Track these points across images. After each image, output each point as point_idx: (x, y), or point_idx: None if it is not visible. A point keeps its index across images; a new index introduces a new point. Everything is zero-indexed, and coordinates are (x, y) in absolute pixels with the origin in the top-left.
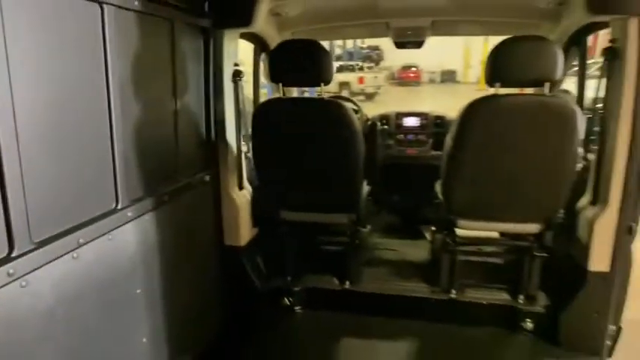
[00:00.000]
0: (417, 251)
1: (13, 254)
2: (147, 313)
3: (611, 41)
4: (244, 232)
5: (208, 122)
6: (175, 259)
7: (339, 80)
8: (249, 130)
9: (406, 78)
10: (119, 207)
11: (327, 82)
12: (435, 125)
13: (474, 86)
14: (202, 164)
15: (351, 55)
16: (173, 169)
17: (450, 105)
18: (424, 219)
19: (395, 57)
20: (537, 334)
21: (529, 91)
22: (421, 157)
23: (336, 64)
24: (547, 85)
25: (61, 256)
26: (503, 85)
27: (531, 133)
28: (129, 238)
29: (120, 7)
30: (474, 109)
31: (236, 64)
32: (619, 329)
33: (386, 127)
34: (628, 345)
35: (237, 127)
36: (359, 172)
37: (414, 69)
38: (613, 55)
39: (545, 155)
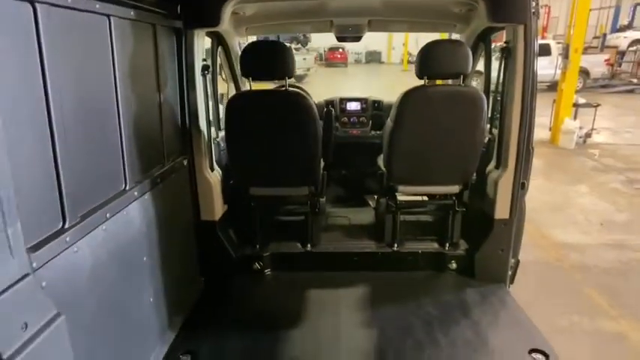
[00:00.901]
0: (363, 216)
1: (66, 226)
2: (151, 278)
3: (505, 42)
4: (217, 208)
5: (183, 112)
6: (166, 233)
7: None
8: (215, 117)
9: (334, 59)
10: (127, 188)
11: (290, 76)
12: (373, 108)
13: (397, 67)
14: (180, 149)
15: (277, 37)
16: (161, 154)
17: (377, 84)
18: (367, 189)
19: (321, 38)
20: (459, 271)
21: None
22: (363, 136)
23: None
24: (462, 77)
25: (97, 227)
26: (429, 78)
27: (451, 115)
28: (136, 213)
29: (121, 17)
30: (408, 97)
31: (204, 60)
32: (517, 261)
33: (332, 110)
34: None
35: (207, 116)
36: (317, 151)
37: (340, 50)
38: (507, 53)
39: (462, 132)
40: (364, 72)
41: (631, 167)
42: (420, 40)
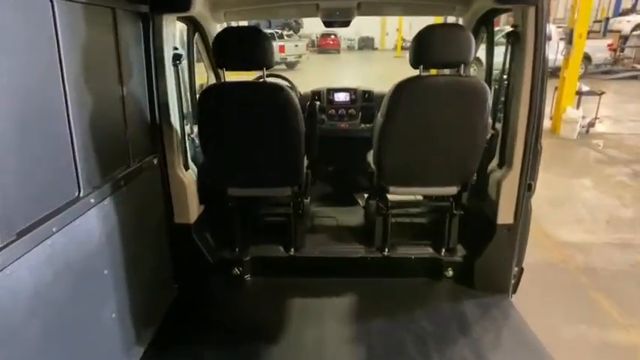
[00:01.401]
0: (352, 217)
1: None
2: (114, 292)
3: (513, 26)
4: (193, 209)
5: (152, 106)
6: (134, 240)
7: None
8: (191, 111)
9: (326, 45)
10: (82, 195)
11: (269, 66)
12: (363, 99)
13: (391, 53)
14: (150, 148)
15: (269, 23)
16: (126, 154)
17: (370, 71)
18: (356, 187)
19: (314, 25)
20: (457, 279)
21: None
22: (352, 130)
23: None
24: (462, 66)
25: (40, 243)
26: (426, 67)
27: (449, 109)
28: (93, 223)
29: (69, 0)
30: (401, 89)
31: (175, 48)
32: (521, 270)
33: (318, 102)
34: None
35: (180, 110)
36: (300, 149)
37: (333, 36)
38: (515, 39)
39: (461, 128)
40: (357, 58)
41: (637, 159)
42: (413, 25)
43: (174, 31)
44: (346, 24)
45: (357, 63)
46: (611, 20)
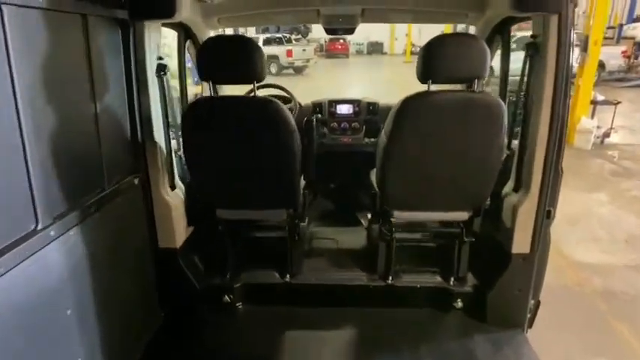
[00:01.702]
0: (354, 238)
1: None
2: (81, 333)
3: (532, 36)
4: (179, 232)
5: (133, 122)
6: (108, 272)
7: (267, 54)
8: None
9: (334, 50)
10: (39, 227)
11: (259, 79)
12: (367, 112)
13: (400, 58)
14: (130, 167)
15: (278, 27)
16: (99, 176)
17: (378, 76)
18: (360, 205)
19: (322, 29)
20: (467, 312)
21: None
22: (355, 144)
23: (262, 37)
24: (476, 81)
25: None
26: (435, 82)
27: (461, 128)
28: (54, 258)
29: (21, 6)
30: (407, 106)
31: (160, 58)
32: (538, 303)
33: (319, 115)
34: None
35: (166, 125)
36: (296, 169)
37: (341, 41)
38: (534, 50)
39: (474, 148)
40: (366, 63)
41: None
42: (423, 30)
43: (158, 40)
44: (350, 31)
45: (365, 67)
46: (625, 27)
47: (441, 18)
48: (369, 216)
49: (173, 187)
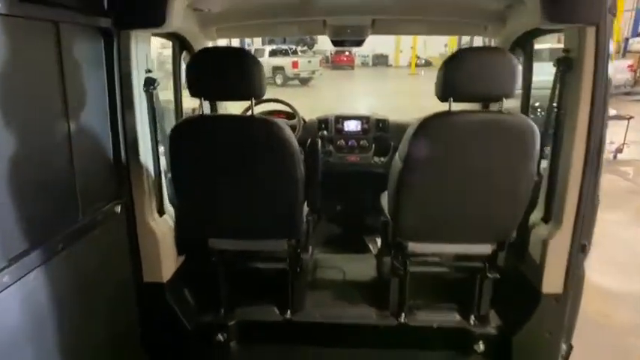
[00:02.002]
0: (362, 268)
1: None
2: None
3: (564, 50)
4: (167, 265)
5: (117, 142)
6: (80, 317)
7: (273, 65)
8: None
9: (340, 62)
10: None
11: (258, 97)
12: (377, 129)
13: (405, 70)
14: (112, 192)
15: (284, 39)
16: (70, 206)
17: (384, 88)
18: (368, 229)
19: (328, 40)
20: (489, 356)
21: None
22: (364, 164)
23: (269, 48)
24: (503, 100)
25: None
26: (457, 100)
27: (487, 153)
28: (9, 307)
29: None
30: (426, 128)
31: (148, 71)
32: (570, 347)
33: (325, 132)
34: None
35: (154, 144)
36: (298, 198)
37: (347, 53)
38: (566, 66)
39: (502, 176)
40: (371, 75)
41: None
42: (428, 43)
43: (147, 51)
44: (358, 43)
45: (371, 79)
46: (631, 40)
47: (458, 30)
48: (379, 243)
49: (162, 212)
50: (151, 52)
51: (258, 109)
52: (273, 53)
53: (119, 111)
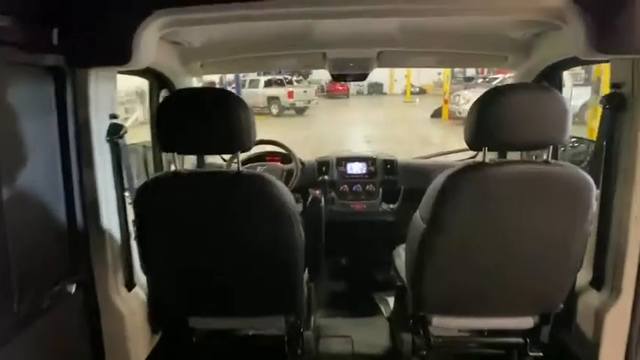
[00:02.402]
0: (374, 336)
1: None
2: None
3: (614, 85)
4: (139, 348)
5: (72, 206)
6: None
7: (268, 95)
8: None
9: (335, 91)
10: None
11: (245, 149)
12: (384, 172)
13: (400, 98)
14: (63, 270)
15: (279, 71)
16: (6, 296)
17: (380, 116)
18: (377, 285)
19: (323, 70)
20: None
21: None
22: (370, 212)
23: (264, 79)
24: (550, 148)
25: None
26: (492, 149)
27: (533, 213)
28: None
29: None
30: (454, 184)
31: (113, 116)
32: None
33: (326, 177)
34: None
35: (121, 204)
36: (297, 268)
37: (342, 82)
38: (617, 104)
39: (550, 238)
40: (367, 103)
41: None
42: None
43: (111, 92)
44: (362, 77)
45: (367, 108)
46: None
47: (473, 62)
48: (391, 303)
49: (131, 285)
50: (130, 83)
51: (251, 151)
52: (268, 83)
53: (74, 166)
